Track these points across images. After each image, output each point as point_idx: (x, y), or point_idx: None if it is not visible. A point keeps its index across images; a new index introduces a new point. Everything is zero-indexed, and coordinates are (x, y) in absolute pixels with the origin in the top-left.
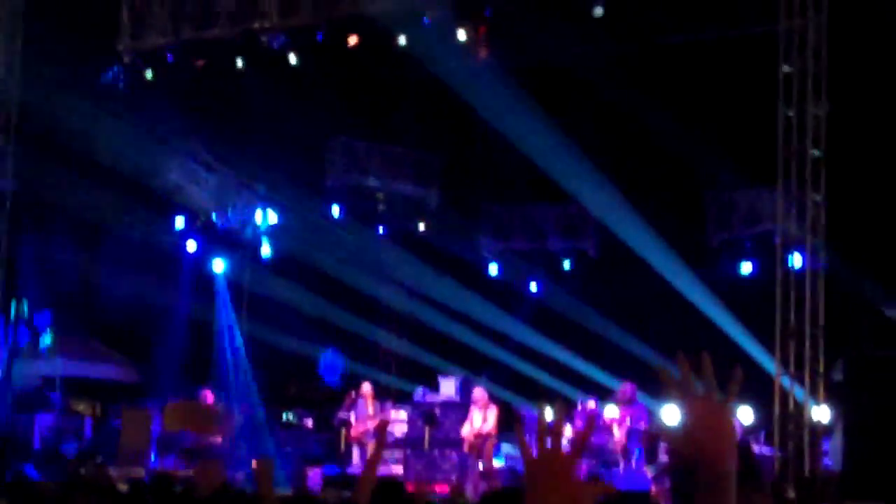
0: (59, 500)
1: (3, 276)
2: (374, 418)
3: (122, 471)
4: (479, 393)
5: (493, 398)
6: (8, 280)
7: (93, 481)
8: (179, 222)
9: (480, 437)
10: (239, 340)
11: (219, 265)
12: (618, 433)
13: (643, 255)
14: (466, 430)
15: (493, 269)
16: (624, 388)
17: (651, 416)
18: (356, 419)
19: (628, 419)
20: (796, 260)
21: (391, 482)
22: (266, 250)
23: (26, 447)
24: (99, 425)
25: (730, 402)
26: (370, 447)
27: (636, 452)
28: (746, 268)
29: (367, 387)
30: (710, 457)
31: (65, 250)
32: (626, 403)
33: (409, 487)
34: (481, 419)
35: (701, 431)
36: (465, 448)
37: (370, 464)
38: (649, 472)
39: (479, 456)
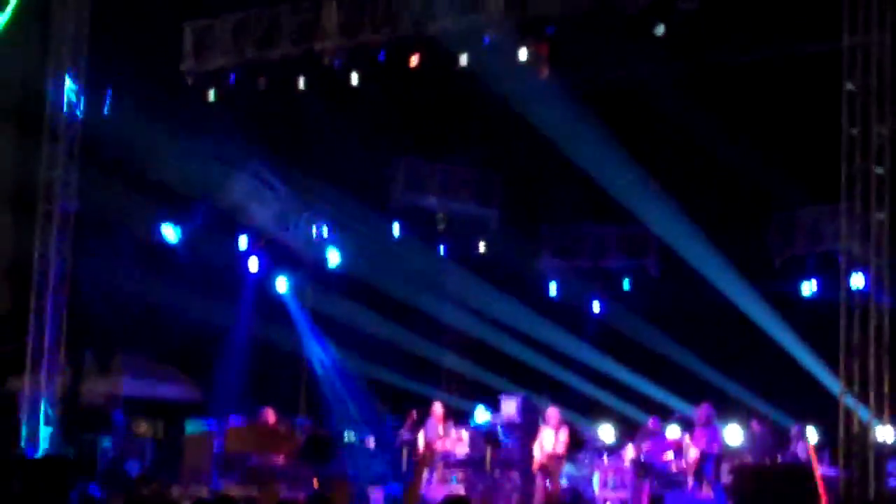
0: None
1: (68, 296)
2: (443, 438)
3: (185, 490)
4: (552, 412)
5: (564, 419)
6: (72, 300)
7: (155, 500)
8: (243, 242)
9: (552, 458)
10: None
11: (282, 284)
12: (694, 453)
13: (704, 274)
14: (537, 451)
15: (553, 288)
16: (702, 409)
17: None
18: (426, 439)
19: (704, 440)
20: (859, 279)
21: (458, 499)
22: (331, 265)
23: (90, 466)
24: (161, 445)
25: None
26: (439, 468)
27: (707, 473)
28: (809, 287)
29: (438, 407)
30: None
31: (128, 270)
32: (704, 425)
33: None
34: (553, 440)
35: None
36: (535, 468)
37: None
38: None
39: (548, 476)
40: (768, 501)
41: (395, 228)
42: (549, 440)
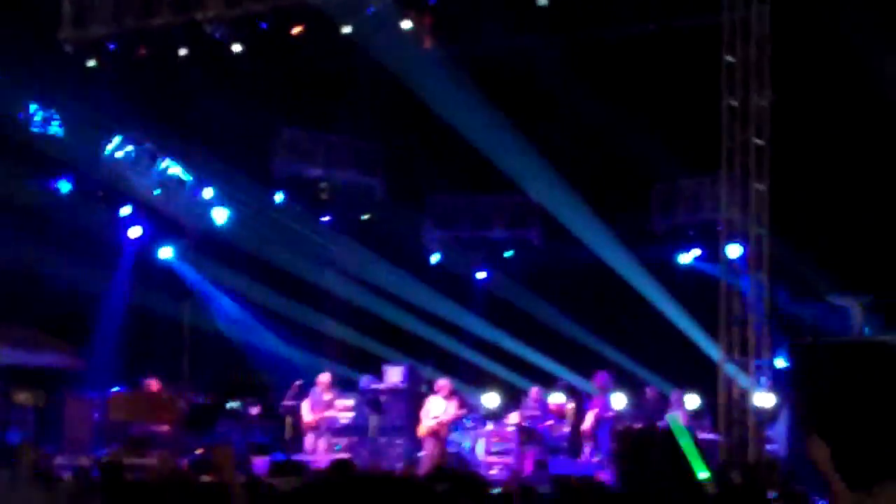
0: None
1: None
2: (329, 406)
3: (68, 459)
4: (443, 383)
5: (455, 390)
6: None
7: (36, 468)
8: (125, 210)
9: (440, 425)
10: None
11: (166, 252)
12: (590, 419)
13: (587, 243)
14: (425, 417)
15: (437, 258)
16: (600, 376)
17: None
18: (311, 407)
19: (600, 407)
20: (736, 249)
21: (344, 462)
22: (217, 223)
23: None
24: (42, 414)
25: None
26: (325, 436)
27: (601, 440)
28: (690, 255)
29: (325, 376)
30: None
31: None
32: (602, 392)
33: None
34: (443, 407)
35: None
36: (422, 434)
37: None
38: (595, 457)
39: (435, 442)
40: (644, 464)
41: (278, 198)
42: (439, 407)
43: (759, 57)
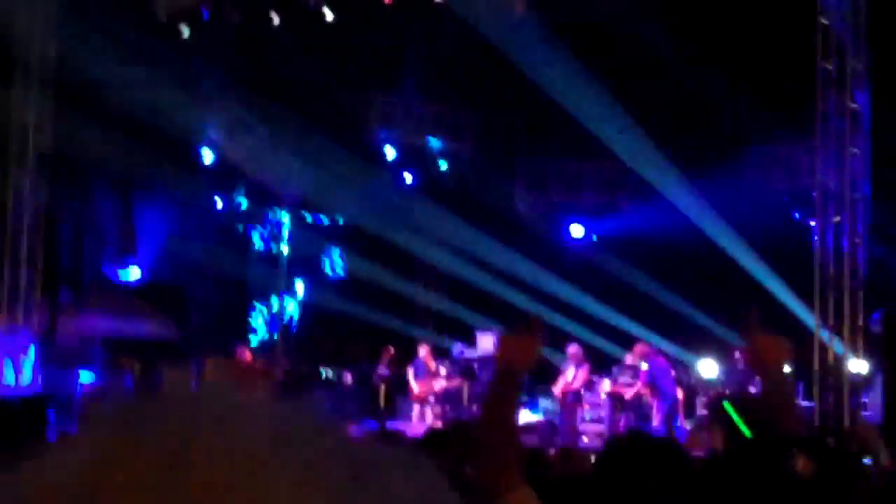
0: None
1: (46, 235)
2: (436, 376)
3: None
4: (573, 349)
5: (585, 357)
6: (48, 238)
7: None
8: (217, 182)
9: (566, 393)
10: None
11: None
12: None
13: (679, 208)
14: (559, 385)
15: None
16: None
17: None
18: (417, 379)
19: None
20: (834, 213)
21: (442, 432)
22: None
23: (69, 405)
24: (140, 383)
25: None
26: (432, 407)
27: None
28: (785, 221)
29: (424, 348)
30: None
31: (104, 209)
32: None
33: None
34: (571, 374)
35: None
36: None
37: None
38: (687, 424)
39: (566, 408)
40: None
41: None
42: (569, 374)
43: (856, 17)
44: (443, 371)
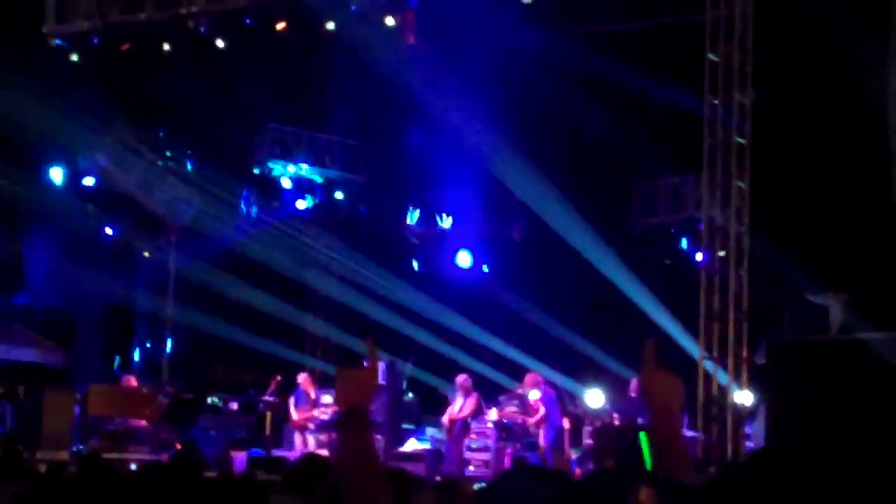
0: None
1: None
2: (316, 404)
3: (46, 454)
4: (461, 379)
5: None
6: None
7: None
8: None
9: (453, 422)
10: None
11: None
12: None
13: (568, 240)
14: (447, 414)
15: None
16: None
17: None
18: (297, 407)
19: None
20: (717, 246)
21: (314, 456)
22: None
23: None
24: (22, 408)
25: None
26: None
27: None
28: (671, 253)
29: (303, 376)
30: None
31: None
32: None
33: None
34: (459, 404)
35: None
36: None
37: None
38: (574, 453)
39: (451, 438)
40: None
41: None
42: (456, 404)
43: (742, 55)
44: (326, 399)
